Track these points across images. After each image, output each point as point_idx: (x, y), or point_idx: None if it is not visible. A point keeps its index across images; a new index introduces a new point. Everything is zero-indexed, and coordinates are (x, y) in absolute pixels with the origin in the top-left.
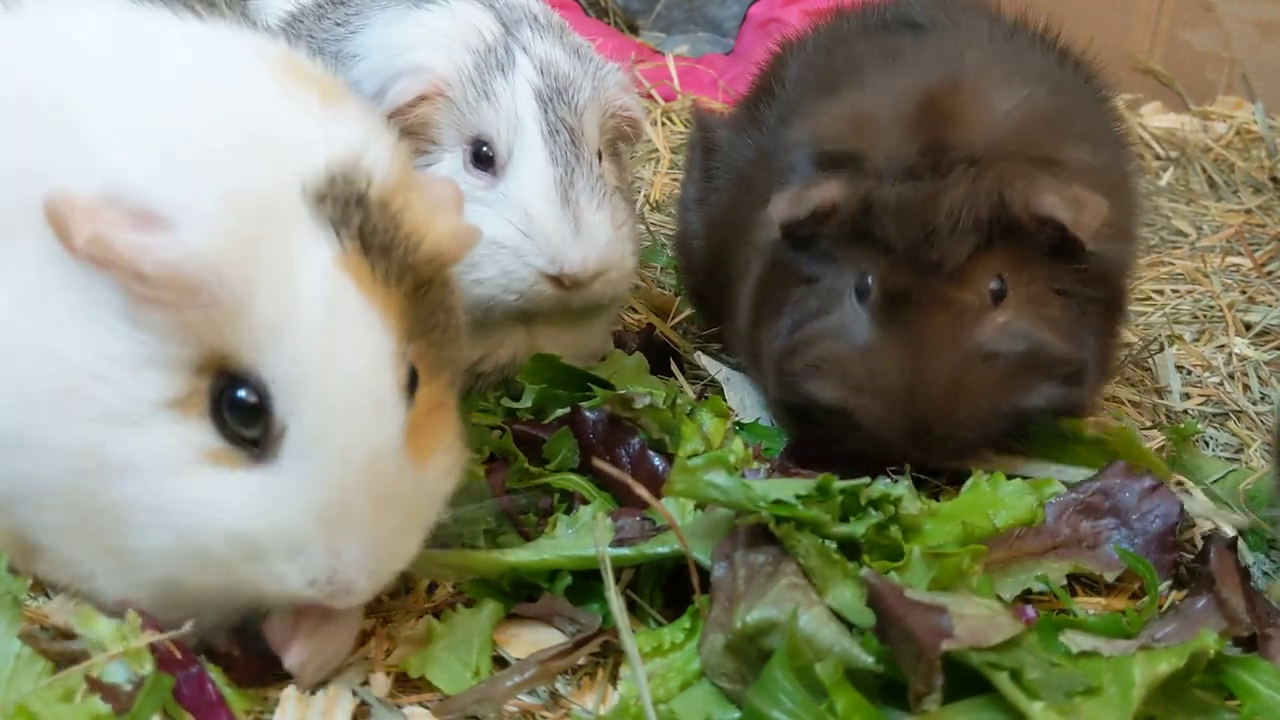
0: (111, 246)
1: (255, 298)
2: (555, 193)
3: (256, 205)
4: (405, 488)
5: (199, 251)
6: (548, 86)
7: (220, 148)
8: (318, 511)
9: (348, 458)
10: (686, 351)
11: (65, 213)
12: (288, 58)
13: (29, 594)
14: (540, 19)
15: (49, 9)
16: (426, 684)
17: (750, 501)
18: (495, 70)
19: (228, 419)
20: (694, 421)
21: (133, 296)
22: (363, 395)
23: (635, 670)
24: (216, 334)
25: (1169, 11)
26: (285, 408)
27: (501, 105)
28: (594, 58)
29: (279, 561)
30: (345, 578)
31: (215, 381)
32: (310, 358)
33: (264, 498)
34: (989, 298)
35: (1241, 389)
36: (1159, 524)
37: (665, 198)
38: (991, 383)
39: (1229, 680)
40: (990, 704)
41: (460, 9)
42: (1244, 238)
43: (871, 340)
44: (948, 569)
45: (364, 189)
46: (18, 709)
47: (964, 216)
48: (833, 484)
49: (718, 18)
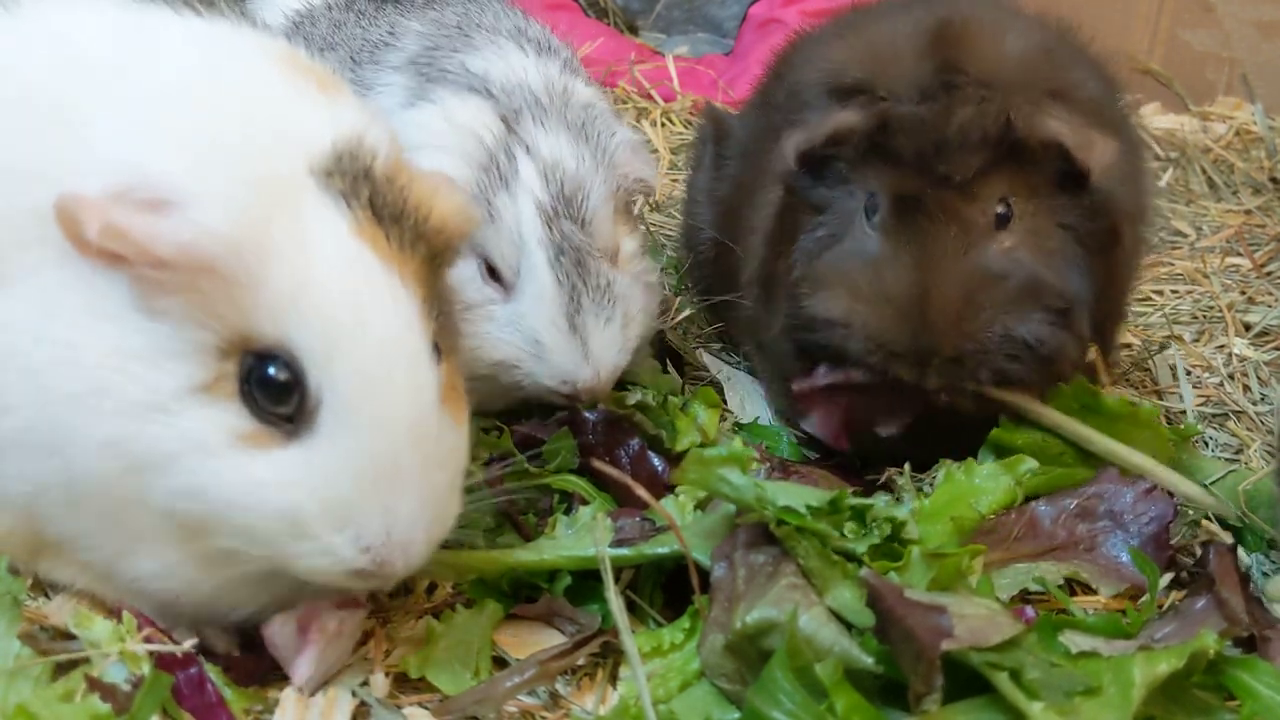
0: (125, 233)
1: (274, 270)
2: (563, 319)
3: (266, 183)
4: (446, 445)
5: (212, 228)
6: (553, 197)
7: (226, 133)
8: (366, 475)
9: (391, 417)
10: (686, 351)
11: (75, 210)
12: (286, 51)
13: (29, 594)
14: (543, 99)
15: (48, 9)
16: (426, 684)
17: (759, 502)
18: (498, 184)
19: (258, 398)
20: (688, 415)
21: (148, 286)
22: (398, 354)
23: (635, 670)
24: (238, 313)
25: (1169, 12)
26: (319, 377)
27: (504, 224)
28: (601, 127)
29: (329, 534)
30: (401, 537)
31: (241, 362)
32: (339, 321)
33: (307, 471)
34: (994, 220)
35: (1241, 389)
36: (1154, 526)
37: (665, 198)
38: (994, 302)
39: (1229, 681)
40: (990, 704)
41: (456, 107)
42: (1244, 238)
43: (879, 252)
44: (947, 569)
45: (369, 163)
46: (17, 709)
47: (973, 132)
48: (845, 500)
49: (718, 18)
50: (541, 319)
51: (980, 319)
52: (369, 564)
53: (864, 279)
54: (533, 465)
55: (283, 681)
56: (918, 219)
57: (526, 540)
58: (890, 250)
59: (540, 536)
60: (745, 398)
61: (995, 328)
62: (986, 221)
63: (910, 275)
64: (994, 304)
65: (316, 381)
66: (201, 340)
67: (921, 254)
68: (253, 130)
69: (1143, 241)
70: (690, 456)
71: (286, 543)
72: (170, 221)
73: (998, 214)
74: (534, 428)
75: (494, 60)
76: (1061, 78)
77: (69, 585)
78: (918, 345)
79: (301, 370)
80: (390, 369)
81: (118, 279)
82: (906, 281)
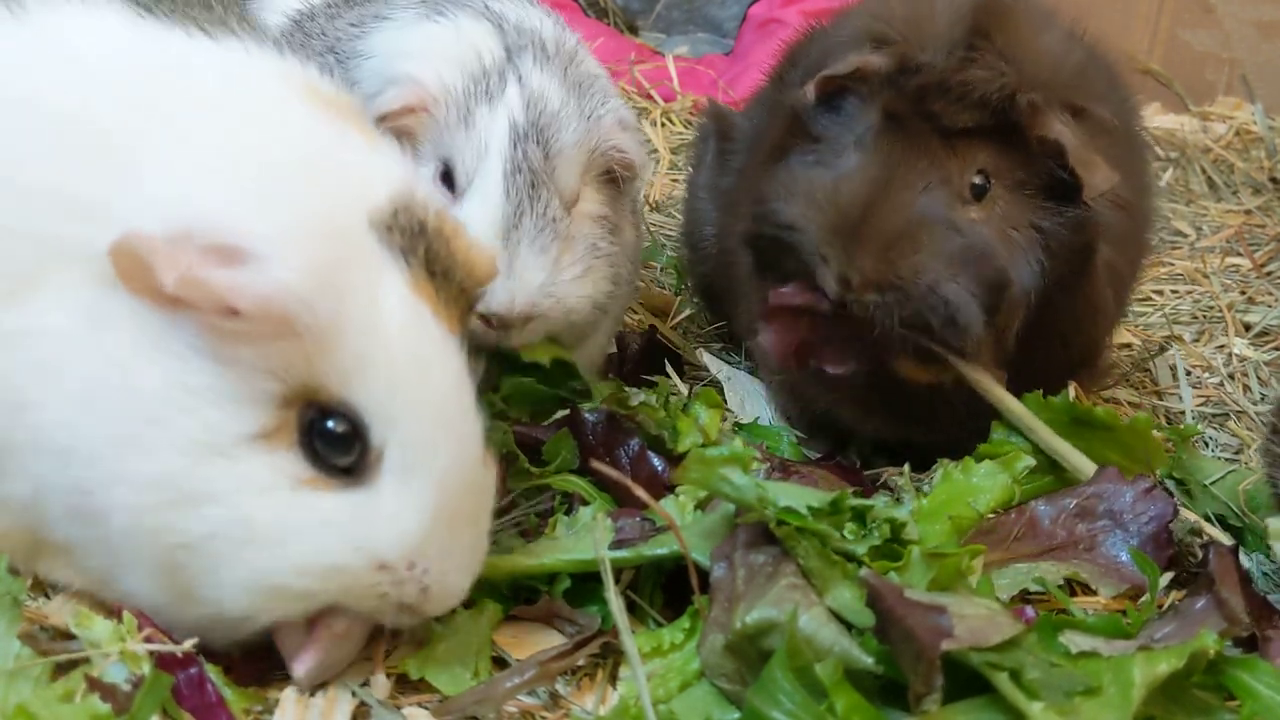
0: (205, 285)
1: (344, 327)
2: (498, 229)
3: (335, 236)
4: (489, 489)
5: (290, 283)
6: (528, 122)
7: (285, 177)
8: (431, 521)
9: (449, 469)
10: (686, 351)
11: (144, 255)
12: (306, 81)
13: (29, 594)
14: (549, 47)
15: (68, 30)
16: (426, 685)
17: (761, 503)
18: (483, 97)
19: (319, 449)
20: (689, 416)
21: (215, 332)
22: (455, 410)
23: (635, 671)
24: (306, 367)
25: (1169, 12)
26: (382, 432)
27: (475, 133)
28: (597, 93)
29: (401, 570)
30: (453, 579)
31: (303, 413)
32: (405, 381)
33: (376, 511)
34: (969, 188)
35: (1241, 389)
36: (1154, 525)
37: (665, 198)
38: (933, 251)
39: (1229, 681)
40: (990, 704)
41: (468, 26)
42: (1243, 238)
43: (845, 168)
44: (947, 569)
45: (424, 217)
46: (18, 709)
47: (975, 90)
48: (846, 501)
49: (717, 18)
50: (479, 223)
51: (911, 259)
52: (418, 600)
53: (824, 189)
54: (532, 465)
55: (283, 681)
56: (896, 146)
57: (526, 540)
58: (856, 166)
59: (540, 537)
60: (745, 398)
61: (924, 275)
62: (961, 183)
63: (864, 190)
64: (932, 253)
65: (380, 437)
66: (266, 390)
67: (883, 176)
68: (314, 176)
69: (1122, 282)
70: (692, 456)
71: (360, 577)
72: (250, 275)
73: (973, 183)
74: (534, 428)
75: (513, 6)
76: (1084, 94)
77: (69, 585)
78: (845, 255)
79: (365, 426)
80: (449, 424)
81: (179, 320)
82: (859, 195)
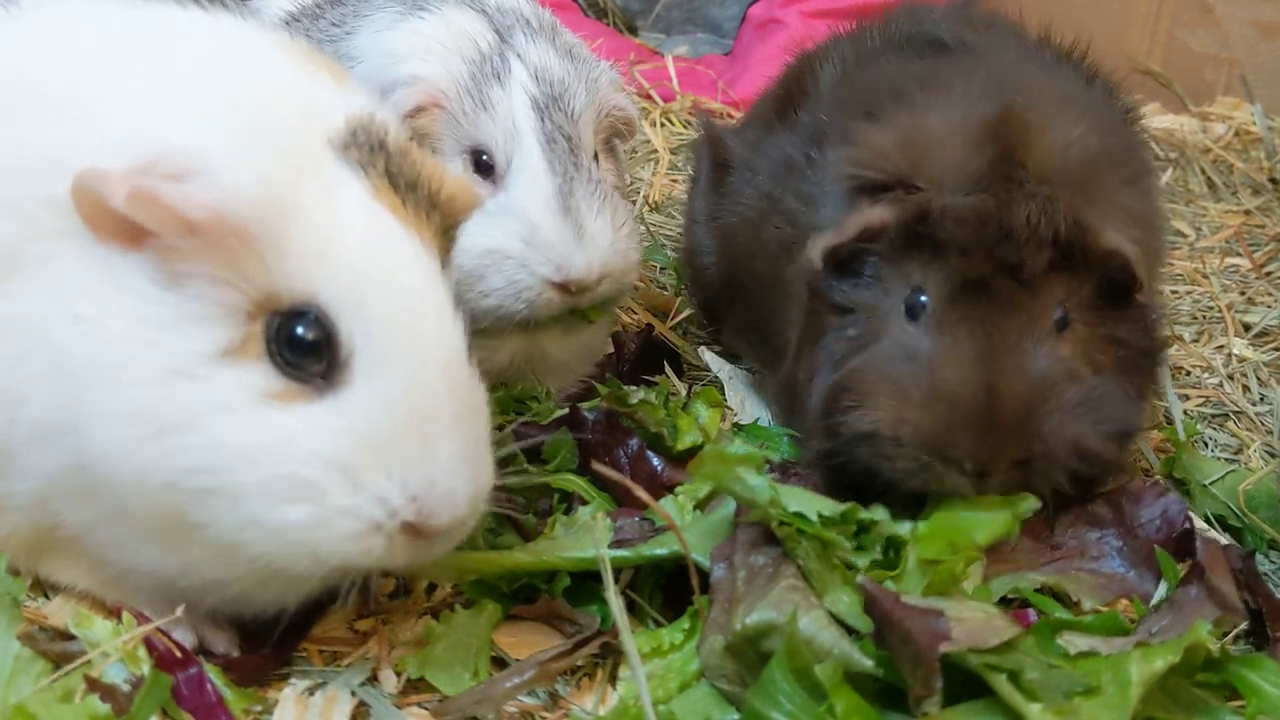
0: (154, 198)
1: (301, 229)
2: (556, 201)
3: (288, 151)
4: (478, 398)
5: (240, 190)
6: (544, 94)
7: (245, 108)
8: (406, 419)
9: (426, 363)
10: (686, 351)
11: (97, 184)
12: (295, 44)
13: (28, 594)
14: (533, 22)
15: (58, 8)
16: (426, 685)
17: (773, 505)
18: (491, 79)
19: (287, 356)
20: (689, 415)
21: (171, 255)
22: (426, 301)
23: (635, 671)
24: (264, 273)
25: (1168, 12)
26: (350, 327)
27: (499, 115)
28: (586, 57)
29: (379, 480)
30: (445, 485)
31: (268, 323)
32: (367, 270)
33: (348, 419)
34: (1053, 325)
35: (1241, 390)
36: (1164, 530)
37: (664, 198)
38: (1063, 406)
39: (1234, 679)
40: (989, 706)
41: (454, 17)
42: (1243, 238)
43: (931, 350)
44: (942, 575)
45: (383, 136)
46: (17, 710)
47: (1041, 228)
48: (856, 514)
49: (717, 18)
50: (535, 200)
51: (1052, 421)
52: (415, 515)
53: (913, 382)
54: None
55: (283, 681)
56: (980, 309)
57: (526, 540)
58: (946, 346)
59: (540, 537)
60: (745, 397)
61: (1066, 432)
62: (1049, 322)
63: (973, 371)
64: (1063, 408)
65: (348, 332)
66: (227, 303)
67: (986, 346)
68: (271, 106)
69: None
70: (708, 451)
71: (335, 495)
72: (198, 185)
73: (1056, 320)
74: (534, 427)
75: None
76: (1110, 185)
77: (69, 586)
78: (983, 448)
79: (331, 323)
80: (420, 315)
81: (137, 259)
82: (969, 378)
